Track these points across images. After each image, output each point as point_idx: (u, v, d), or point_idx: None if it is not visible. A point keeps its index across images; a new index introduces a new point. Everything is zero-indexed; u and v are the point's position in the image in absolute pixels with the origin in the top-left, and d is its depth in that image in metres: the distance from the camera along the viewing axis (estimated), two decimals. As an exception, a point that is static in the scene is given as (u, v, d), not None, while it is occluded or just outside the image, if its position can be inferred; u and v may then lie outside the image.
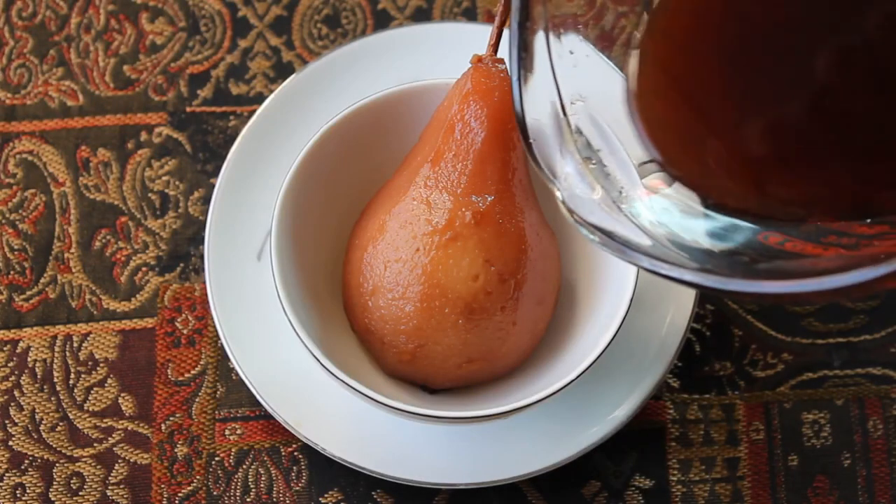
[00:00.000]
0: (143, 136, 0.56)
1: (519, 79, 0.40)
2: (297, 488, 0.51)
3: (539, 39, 0.41)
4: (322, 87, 0.54)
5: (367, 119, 0.49)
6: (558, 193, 0.40)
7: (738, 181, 0.40)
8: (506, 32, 0.43)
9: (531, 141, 0.40)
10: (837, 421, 0.53)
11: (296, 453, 0.52)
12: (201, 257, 0.54)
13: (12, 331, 0.54)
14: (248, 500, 0.51)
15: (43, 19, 0.58)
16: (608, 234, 0.38)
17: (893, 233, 0.35)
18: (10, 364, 0.53)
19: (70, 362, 0.53)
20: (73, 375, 0.53)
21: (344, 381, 0.44)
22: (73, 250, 0.55)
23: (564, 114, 0.41)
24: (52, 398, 0.53)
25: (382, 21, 0.58)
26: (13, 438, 0.52)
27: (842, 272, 0.32)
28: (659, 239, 0.38)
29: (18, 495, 0.51)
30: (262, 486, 0.51)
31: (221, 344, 0.53)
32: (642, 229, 0.39)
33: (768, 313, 0.54)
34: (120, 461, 0.52)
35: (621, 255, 0.38)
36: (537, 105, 0.41)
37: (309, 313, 0.47)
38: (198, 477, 0.52)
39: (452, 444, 0.50)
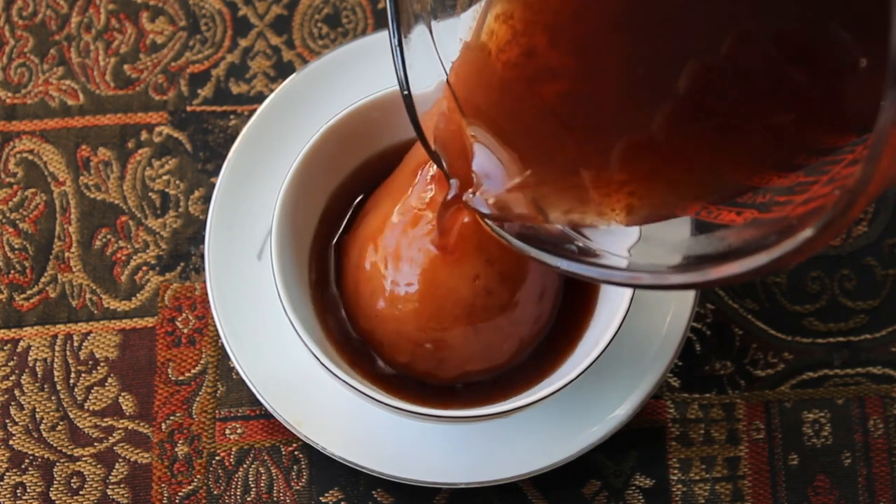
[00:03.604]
0: (144, 135, 0.56)
1: (403, 66, 0.40)
2: (298, 487, 0.51)
3: (419, 29, 0.40)
4: (322, 87, 0.53)
5: (367, 118, 0.49)
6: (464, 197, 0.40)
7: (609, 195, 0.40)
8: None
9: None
10: (838, 420, 0.52)
11: (296, 452, 0.52)
12: (201, 256, 0.54)
13: (13, 330, 0.54)
14: (248, 499, 0.51)
15: (43, 18, 0.58)
16: (514, 232, 0.39)
17: (808, 181, 0.35)
18: (11, 363, 0.53)
19: (70, 361, 0.53)
20: (73, 375, 0.53)
21: (344, 381, 0.44)
22: (73, 249, 0.55)
23: (456, 99, 0.41)
24: (53, 397, 0.53)
25: (382, 20, 0.58)
26: (13, 438, 0.52)
27: (747, 256, 0.32)
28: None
29: (19, 494, 0.51)
30: (262, 485, 0.51)
31: (222, 343, 0.53)
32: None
33: (769, 313, 0.54)
34: (120, 460, 0.52)
35: (539, 258, 0.38)
36: (426, 91, 0.41)
37: (309, 313, 0.47)
38: (198, 476, 0.52)
39: (453, 444, 0.50)
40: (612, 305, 0.46)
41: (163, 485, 0.51)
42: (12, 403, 0.53)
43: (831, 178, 0.33)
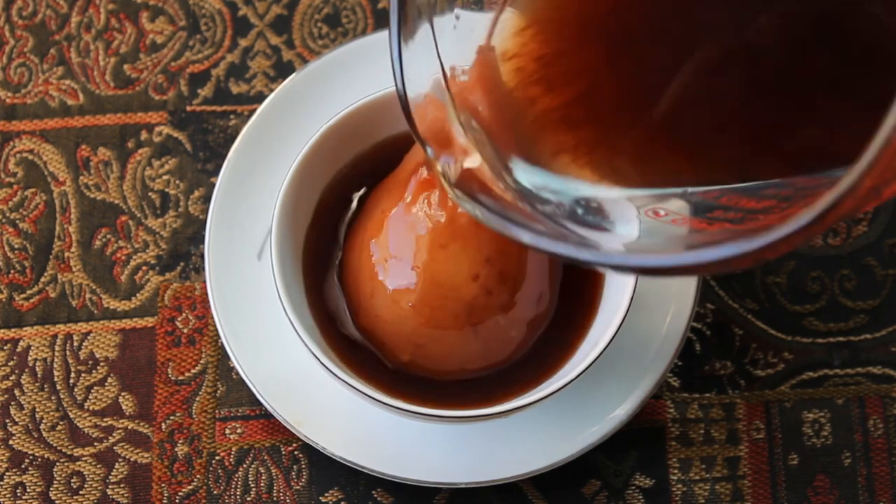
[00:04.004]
0: (144, 135, 0.56)
1: (399, 54, 0.40)
2: (298, 487, 0.51)
3: (422, 21, 0.40)
4: (322, 87, 0.53)
5: (367, 118, 0.49)
6: (438, 166, 0.40)
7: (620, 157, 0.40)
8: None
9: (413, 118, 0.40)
10: (838, 420, 0.53)
11: (296, 452, 0.52)
12: (201, 256, 0.54)
13: (13, 330, 0.54)
14: (248, 499, 0.51)
15: (43, 18, 0.58)
16: (489, 208, 0.38)
17: (780, 207, 0.35)
18: (11, 363, 0.53)
19: (70, 361, 0.53)
20: (73, 374, 0.53)
21: (344, 381, 0.44)
22: (73, 249, 0.55)
23: (448, 89, 0.41)
24: (53, 397, 0.53)
25: (382, 20, 0.58)
26: (13, 437, 0.52)
27: (721, 244, 0.32)
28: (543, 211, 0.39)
29: (19, 494, 0.51)
30: (262, 485, 0.51)
31: (222, 343, 0.53)
32: (526, 198, 0.39)
33: (769, 312, 0.54)
34: (120, 460, 0.52)
35: (504, 230, 0.38)
36: (420, 81, 0.41)
37: (309, 312, 0.47)
38: (198, 476, 0.52)
39: (453, 443, 0.50)
40: (612, 305, 0.46)
41: (163, 485, 0.51)
42: (12, 403, 0.53)
43: (807, 203, 0.33)
